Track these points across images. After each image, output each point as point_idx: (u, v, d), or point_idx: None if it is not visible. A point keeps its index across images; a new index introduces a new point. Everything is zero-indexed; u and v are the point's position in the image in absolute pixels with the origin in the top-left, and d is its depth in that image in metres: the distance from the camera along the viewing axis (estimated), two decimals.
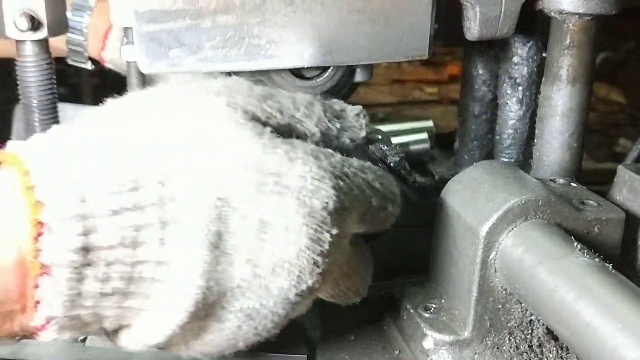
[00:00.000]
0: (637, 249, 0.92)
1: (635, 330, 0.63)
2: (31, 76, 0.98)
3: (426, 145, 1.34)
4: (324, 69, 0.97)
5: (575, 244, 0.76)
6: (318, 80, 0.96)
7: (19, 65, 0.99)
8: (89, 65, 1.31)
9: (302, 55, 0.90)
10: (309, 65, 0.92)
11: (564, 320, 0.71)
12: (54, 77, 1.01)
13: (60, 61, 2.18)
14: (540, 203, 0.81)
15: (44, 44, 0.98)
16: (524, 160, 1.14)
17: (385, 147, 1.17)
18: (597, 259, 0.74)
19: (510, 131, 1.14)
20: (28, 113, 1.00)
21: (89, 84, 2.53)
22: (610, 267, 0.73)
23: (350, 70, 0.98)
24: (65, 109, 1.09)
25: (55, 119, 1.02)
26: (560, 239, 0.78)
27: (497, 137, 1.16)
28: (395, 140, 1.29)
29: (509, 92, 1.13)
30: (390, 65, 3.95)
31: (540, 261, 0.75)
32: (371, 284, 1.01)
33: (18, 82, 1.00)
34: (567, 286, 0.71)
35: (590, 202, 0.87)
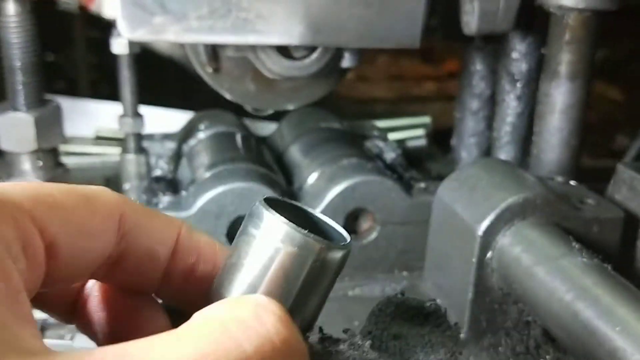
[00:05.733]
0: (636, 249, 0.91)
1: (633, 333, 0.62)
2: (14, 36, 0.95)
3: (422, 142, 1.32)
4: (312, 50, 0.95)
5: (574, 243, 0.75)
6: (305, 61, 0.95)
7: (2, 25, 0.95)
8: (75, 9, 1.30)
9: (291, 32, 0.88)
10: (297, 44, 0.90)
11: (562, 321, 0.69)
12: (38, 37, 0.97)
13: (59, 55, 2.15)
14: (538, 202, 0.80)
15: (26, 3, 0.95)
16: (522, 158, 1.13)
17: (382, 144, 1.16)
18: (595, 260, 0.72)
19: (508, 128, 1.12)
20: (11, 75, 0.97)
21: (87, 78, 2.51)
22: (609, 268, 0.71)
23: (339, 55, 0.96)
24: (62, 103, 1.08)
25: (38, 82, 0.99)
26: (558, 238, 0.76)
27: (495, 134, 1.15)
28: (391, 136, 1.29)
29: (507, 88, 1.11)
30: (389, 61, 3.93)
31: (538, 261, 0.74)
32: (366, 281, 1.00)
33: (1, 43, 0.97)
34: (565, 287, 0.69)
35: (589, 201, 0.85)
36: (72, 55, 2.38)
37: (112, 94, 1.29)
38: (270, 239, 0.43)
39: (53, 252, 0.42)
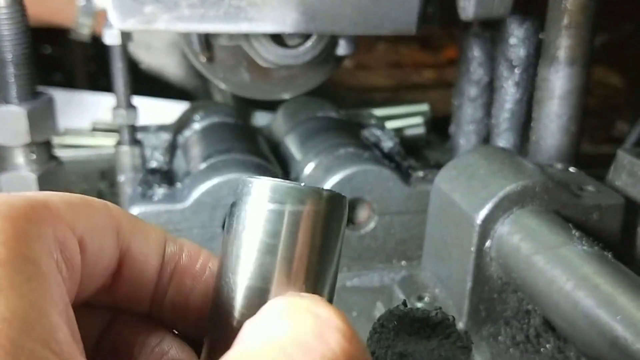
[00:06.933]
0: (636, 236, 0.89)
1: (634, 322, 0.61)
2: (5, 29, 0.93)
3: (421, 130, 1.31)
4: (306, 38, 0.94)
5: (574, 231, 0.74)
6: (299, 49, 0.94)
7: None
8: (87, 39, 1.28)
9: (284, 20, 0.87)
10: (291, 32, 0.88)
11: (562, 311, 0.68)
12: (29, 30, 0.96)
13: (56, 48, 2.14)
14: (537, 189, 0.78)
15: None
16: (521, 145, 1.12)
17: (379, 132, 1.15)
18: (596, 248, 0.71)
19: (507, 115, 1.11)
20: (3, 68, 0.96)
21: (84, 70, 2.50)
22: (610, 255, 0.70)
23: (334, 42, 0.95)
24: (59, 96, 1.07)
25: (31, 74, 0.98)
26: (558, 226, 0.75)
27: (494, 121, 1.14)
28: (389, 124, 1.27)
29: (505, 74, 1.10)
30: (388, 49, 3.92)
31: (537, 250, 0.73)
32: (364, 271, 0.99)
33: None
34: (565, 276, 0.68)
35: (589, 188, 0.84)
36: (70, 47, 2.36)
37: (110, 86, 1.27)
38: (273, 204, 0.41)
39: (82, 251, 0.40)
